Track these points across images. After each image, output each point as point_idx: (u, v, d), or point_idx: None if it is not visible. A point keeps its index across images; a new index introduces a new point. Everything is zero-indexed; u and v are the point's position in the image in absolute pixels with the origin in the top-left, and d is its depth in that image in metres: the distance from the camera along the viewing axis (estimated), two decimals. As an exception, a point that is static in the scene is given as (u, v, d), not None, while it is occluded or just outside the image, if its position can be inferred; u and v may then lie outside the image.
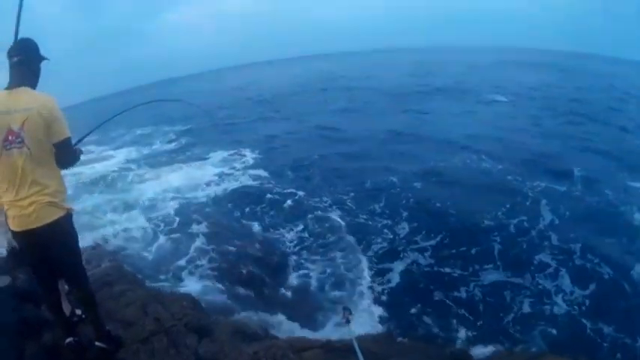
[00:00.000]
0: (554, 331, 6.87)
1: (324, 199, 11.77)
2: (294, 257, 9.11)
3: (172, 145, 21.13)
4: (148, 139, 23.58)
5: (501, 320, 7.20)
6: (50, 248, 3.49)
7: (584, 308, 7.41)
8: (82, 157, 3.84)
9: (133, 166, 17.13)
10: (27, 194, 3.24)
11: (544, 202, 10.98)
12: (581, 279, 8.09)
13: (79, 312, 4.70)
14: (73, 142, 3.59)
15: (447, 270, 8.54)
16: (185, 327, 5.45)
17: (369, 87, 35.51)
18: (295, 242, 9.74)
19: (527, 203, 11.04)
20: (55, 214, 3.37)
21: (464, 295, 7.84)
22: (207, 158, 17.06)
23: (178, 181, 13.89)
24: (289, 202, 11.77)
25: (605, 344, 6.67)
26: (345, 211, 10.98)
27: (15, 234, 3.44)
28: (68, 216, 3.51)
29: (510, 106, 25.10)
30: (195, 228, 10.33)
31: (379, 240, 9.58)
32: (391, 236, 9.72)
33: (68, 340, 4.17)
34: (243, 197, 12.25)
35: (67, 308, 4.44)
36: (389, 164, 14.34)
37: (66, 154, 3.40)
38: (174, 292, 6.47)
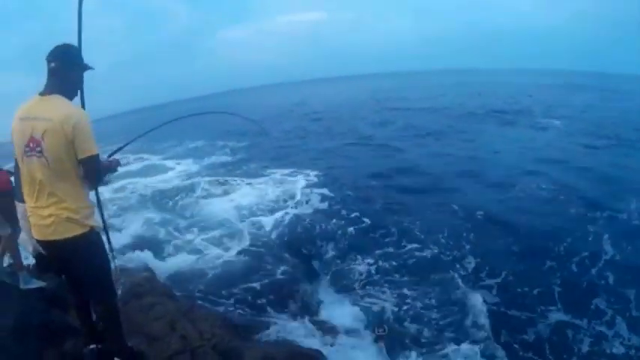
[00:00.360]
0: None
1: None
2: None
3: (230, 159, 20.69)
4: (200, 152, 23.41)
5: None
6: (70, 262, 3.31)
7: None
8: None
9: (196, 180, 16.60)
10: (46, 204, 3.09)
11: (606, 236, 10.20)
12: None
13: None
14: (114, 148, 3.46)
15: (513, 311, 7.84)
16: (212, 349, 5.02)
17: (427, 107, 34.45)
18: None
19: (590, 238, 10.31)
20: (75, 231, 3.14)
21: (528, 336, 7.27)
22: (266, 175, 16.47)
23: (247, 200, 13.36)
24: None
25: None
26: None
27: (38, 240, 3.29)
28: (91, 233, 3.26)
29: (565, 131, 23.58)
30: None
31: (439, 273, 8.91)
32: (457, 272, 9.01)
33: (91, 347, 3.89)
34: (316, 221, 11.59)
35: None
36: (451, 188, 13.53)
37: (91, 172, 3.15)
38: (208, 309, 6.04)
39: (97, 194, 4.19)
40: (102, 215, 4.39)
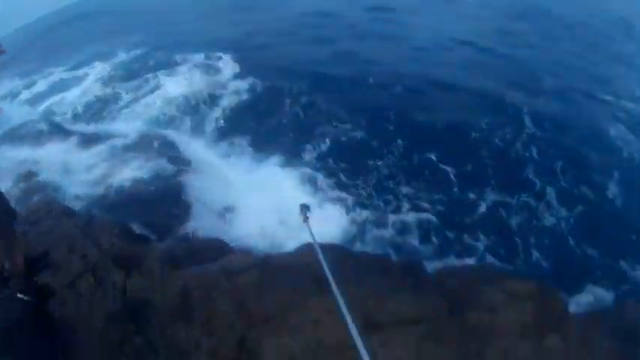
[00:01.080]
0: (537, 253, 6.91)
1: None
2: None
3: (139, 52, 17.60)
4: (105, 55, 19.19)
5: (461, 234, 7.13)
6: None
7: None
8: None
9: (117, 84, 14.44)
10: None
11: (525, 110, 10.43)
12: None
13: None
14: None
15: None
16: (113, 262, 4.81)
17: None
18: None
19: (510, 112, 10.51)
20: None
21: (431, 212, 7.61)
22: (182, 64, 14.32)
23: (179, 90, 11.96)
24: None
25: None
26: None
27: None
28: None
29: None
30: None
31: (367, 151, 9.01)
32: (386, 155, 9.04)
33: None
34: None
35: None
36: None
37: None
38: (104, 219, 5.69)
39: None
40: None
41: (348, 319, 2.18)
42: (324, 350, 3.89)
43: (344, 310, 2.31)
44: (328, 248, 5.19)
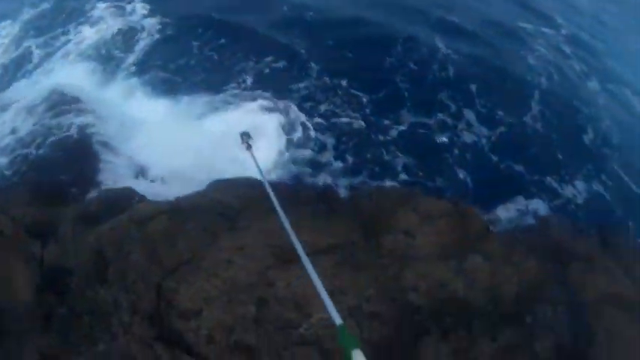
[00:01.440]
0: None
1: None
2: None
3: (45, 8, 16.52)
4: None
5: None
6: None
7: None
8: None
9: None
10: None
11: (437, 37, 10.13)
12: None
13: None
14: None
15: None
16: (28, 232, 4.62)
17: None
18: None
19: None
20: None
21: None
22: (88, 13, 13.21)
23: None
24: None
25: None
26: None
27: None
28: None
29: None
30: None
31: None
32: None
33: None
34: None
35: None
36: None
37: None
38: (14, 189, 5.42)
39: None
40: None
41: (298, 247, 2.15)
42: (238, 289, 3.86)
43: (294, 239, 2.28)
44: (241, 183, 5.12)
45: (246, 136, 4.74)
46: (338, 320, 1.58)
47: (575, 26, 13.58)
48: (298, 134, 7.29)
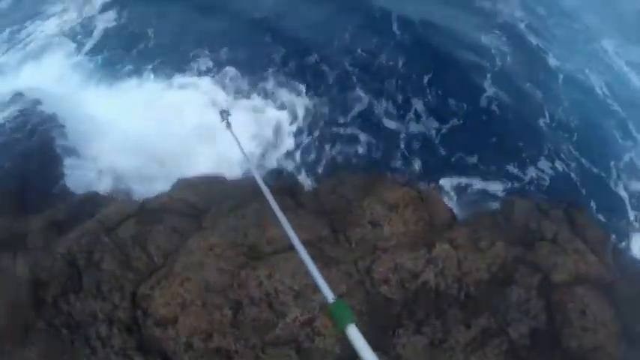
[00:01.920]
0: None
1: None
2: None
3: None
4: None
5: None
6: None
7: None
8: None
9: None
10: None
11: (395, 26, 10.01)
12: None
13: None
14: None
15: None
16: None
17: None
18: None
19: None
20: None
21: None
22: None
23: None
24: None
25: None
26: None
27: None
28: None
29: None
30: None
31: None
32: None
33: None
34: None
35: None
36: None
37: None
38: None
39: None
40: None
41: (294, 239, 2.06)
42: (212, 292, 3.89)
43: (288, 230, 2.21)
44: (202, 182, 5.10)
45: (225, 114, 4.56)
46: (330, 297, 1.48)
47: (533, 4, 13.18)
48: (259, 122, 7.47)
